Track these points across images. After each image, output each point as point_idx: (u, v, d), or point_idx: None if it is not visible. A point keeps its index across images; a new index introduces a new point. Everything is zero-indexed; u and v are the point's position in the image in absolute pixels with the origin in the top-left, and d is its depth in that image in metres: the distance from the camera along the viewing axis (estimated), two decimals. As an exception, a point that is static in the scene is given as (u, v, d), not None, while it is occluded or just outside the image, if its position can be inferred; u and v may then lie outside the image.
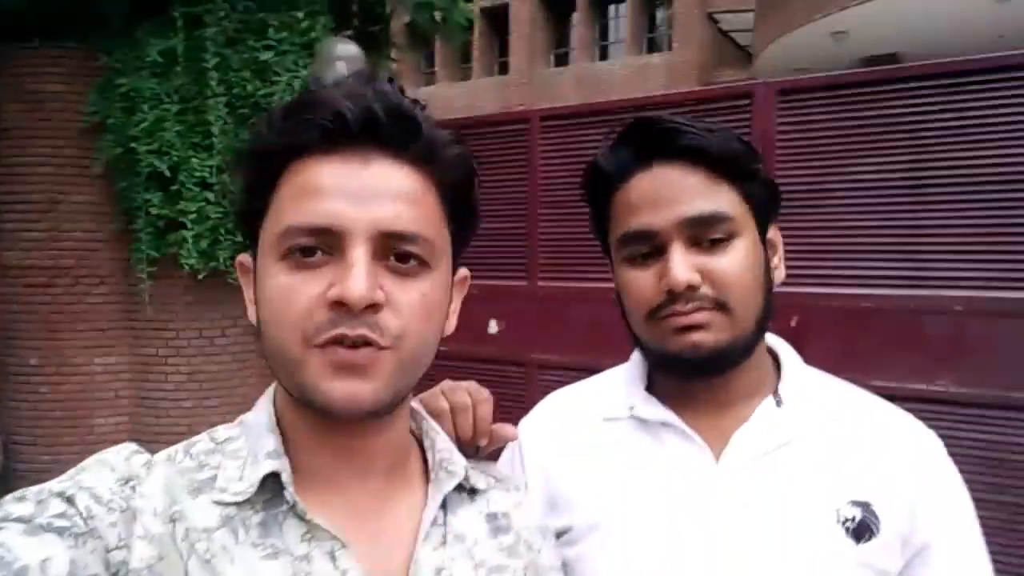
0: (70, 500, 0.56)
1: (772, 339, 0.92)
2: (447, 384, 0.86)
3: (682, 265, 0.79)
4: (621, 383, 0.94)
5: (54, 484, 0.58)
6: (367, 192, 0.61)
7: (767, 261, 0.85)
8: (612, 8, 18.37)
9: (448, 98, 18.97)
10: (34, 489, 0.57)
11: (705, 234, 0.80)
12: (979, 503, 0.85)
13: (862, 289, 2.97)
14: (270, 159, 0.63)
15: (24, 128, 4.68)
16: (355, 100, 0.61)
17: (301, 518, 0.62)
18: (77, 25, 4.75)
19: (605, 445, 0.90)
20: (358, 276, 0.58)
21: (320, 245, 0.60)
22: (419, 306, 0.63)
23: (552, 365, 3.48)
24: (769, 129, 3.16)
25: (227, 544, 0.60)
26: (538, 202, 3.73)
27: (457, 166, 0.67)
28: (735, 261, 0.81)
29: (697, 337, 0.80)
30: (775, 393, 0.87)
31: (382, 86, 0.63)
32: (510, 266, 3.82)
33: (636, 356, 0.95)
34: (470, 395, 0.83)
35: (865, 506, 0.80)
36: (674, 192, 0.80)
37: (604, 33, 18.60)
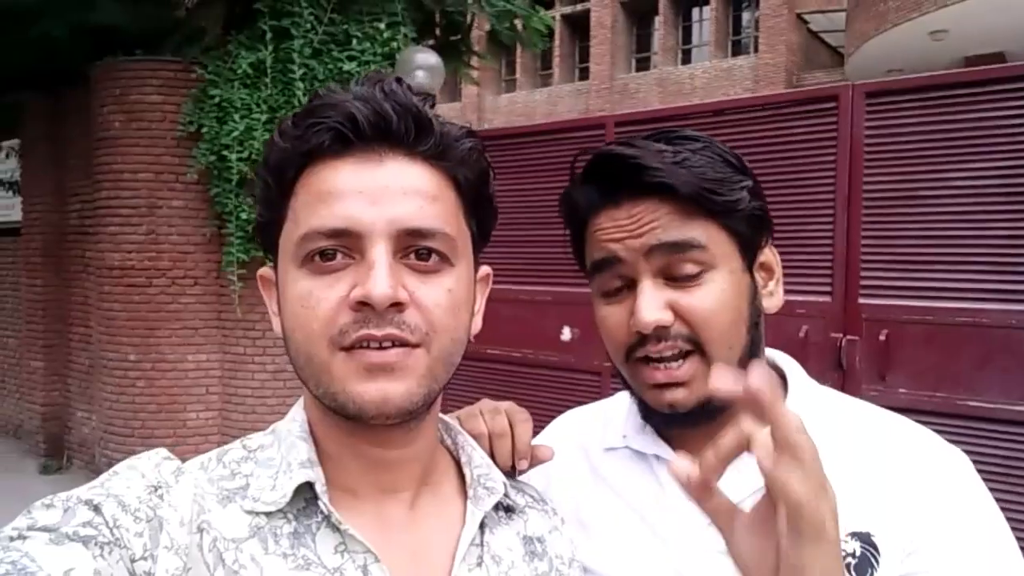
0: (97, 508, 0.55)
1: (777, 355, 0.86)
2: (486, 405, 0.83)
3: (651, 303, 0.74)
4: (621, 410, 0.89)
5: (83, 490, 0.57)
6: (383, 191, 0.60)
7: (754, 291, 0.79)
8: (695, 11, 18.06)
9: (529, 105, 19.07)
10: (63, 495, 0.56)
11: (677, 266, 0.75)
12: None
13: (957, 303, 2.80)
14: (284, 167, 0.63)
15: (126, 137, 4.97)
16: (365, 101, 0.60)
17: (335, 529, 0.61)
18: (175, 39, 5.02)
19: (605, 477, 0.86)
20: (380, 275, 0.58)
21: (340, 248, 0.60)
22: (445, 302, 0.62)
23: (625, 374, 3.42)
24: (856, 134, 3.03)
25: (256, 554, 0.59)
26: (613, 209, 3.69)
27: (471, 162, 0.66)
28: (710, 297, 0.75)
29: (673, 397, 0.75)
30: None
31: (391, 86, 0.62)
32: (584, 273, 3.80)
33: None
34: (509, 418, 0.81)
35: (865, 537, 0.73)
36: (641, 226, 0.75)
37: (687, 37, 18.30)
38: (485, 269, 0.73)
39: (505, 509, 0.72)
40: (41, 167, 6.09)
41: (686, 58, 18.09)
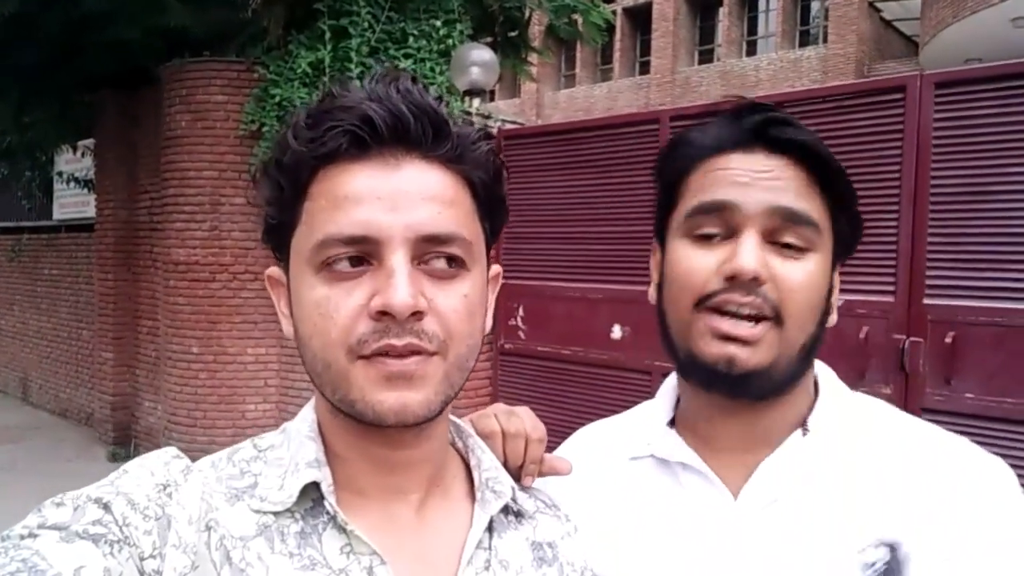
0: (107, 507, 0.56)
1: (816, 366, 0.83)
2: (500, 407, 0.82)
3: (755, 253, 0.71)
4: (646, 418, 0.87)
5: (93, 489, 0.58)
6: (401, 196, 0.59)
7: (830, 292, 0.78)
8: (761, 1, 17.60)
9: (588, 100, 18.93)
10: (72, 494, 0.57)
11: (787, 234, 0.73)
12: None
13: (1030, 303, 2.65)
14: (299, 170, 0.62)
15: (192, 135, 5.14)
16: (381, 103, 0.59)
17: (342, 530, 0.61)
18: (239, 40, 5.15)
19: (628, 487, 0.84)
20: (400, 284, 0.57)
21: (358, 254, 0.59)
22: (462, 309, 0.61)
23: (678, 373, 3.35)
24: (925, 126, 2.90)
25: (263, 553, 0.59)
26: (667, 205, 3.62)
27: (486, 164, 0.65)
28: (806, 273, 0.73)
29: (735, 351, 0.72)
30: (803, 423, 0.78)
31: (406, 85, 0.61)
32: (636, 271, 3.74)
33: (664, 387, 0.89)
34: (526, 425, 0.79)
35: (893, 548, 0.70)
36: (769, 179, 0.73)
37: (752, 28, 17.85)
38: (496, 268, 0.71)
39: (515, 514, 0.71)
40: (114, 165, 6.35)
41: (751, 50, 17.65)
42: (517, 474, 0.77)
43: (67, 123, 6.92)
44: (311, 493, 0.62)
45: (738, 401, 0.77)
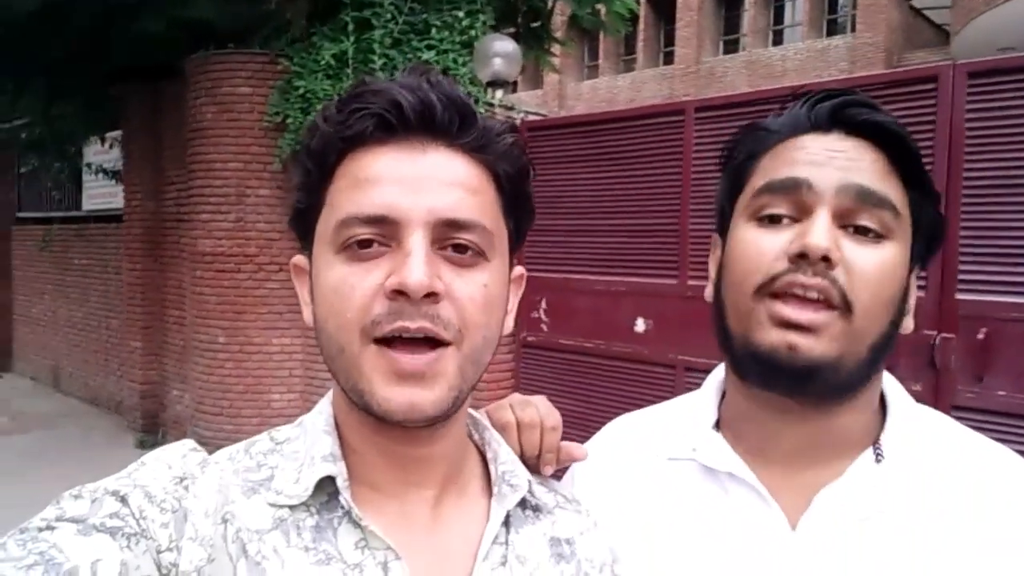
0: (124, 499, 0.56)
1: (884, 377, 0.77)
2: (516, 398, 0.81)
3: (827, 232, 0.66)
4: (687, 416, 0.81)
5: (111, 481, 0.58)
6: (424, 180, 0.59)
7: (908, 289, 0.72)
8: (788, -10, 17.35)
9: (611, 91, 18.80)
10: (90, 486, 0.57)
11: (863, 217, 0.67)
12: None
13: (1066, 299, 2.59)
14: (326, 152, 0.62)
15: (217, 127, 5.17)
16: (410, 90, 0.60)
17: (357, 524, 0.61)
18: (263, 32, 5.18)
19: (667, 490, 0.78)
20: (416, 264, 0.57)
21: (377, 236, 0.59)
22: (480, 297, 0.61)
23: (701, 368, 3.33)
24: (958, 116, 2.83)
25: (278, 547, 0.59)
26: (691, 198, 3.59)
27: (511, 157, 0.65)
28: (881, 261, 0.67)
29: (798, 339, 0.66)
30: (875, 444, 0.71)
31: (436, 77, 0.61)
32: (660, 263, 3.71)
33: (709, 382, 0.83)
34: (540, 414, 0.78)
35: None
36: (844, 160, 0.69)
37: (779, 17, 17.59)
38: (519, 269, 0.71)
39: (532, 508, 0.70)
40: (141, 157, 6.42)
41: (777, 39, 17.41)
42: (534, 465, 0.76)
43: (94, 115, 7.02)
44: (327, 487, 0.62)
45: (798, 401, 0.70)
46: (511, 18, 6.03)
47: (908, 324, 0.73)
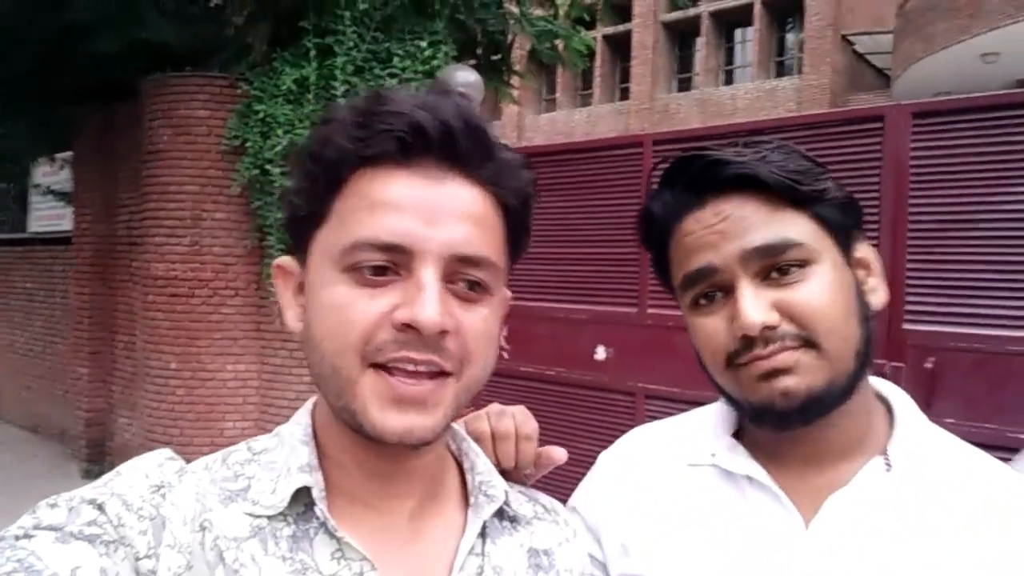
0: (101, 507, 0.56)
1: (885, 385, 0.80)
2: (494, 408, 0.81)
3: (753, 304, 0.69)
4: (708, 425, 0.84)
5: (87, 490, 0.58)
6: (441, 211, 0.59)
7: (858, 284, 0.75)
8: (738, 32, 17.95)
9: (569, 124, 19.10)
10: (67, 495, 0.57)
11: (774, 265, 0.71)
12: None
13: (1008, 330, 2.71)
14: (339, 165, 0.60)
15: (173, 150, 5.10)
16: (432, 111, 0.59)
17: (333, 535, 0.61)
18: (223, 56, 5.15)
19: (687, 493, 0.81)
20: (431, 301, 0.56)
21: (388, 263, 0.58)
22: (482, 332, 0.61)
23: (660, 395, 3.37)
24: (903, 154, 2.96)
25: (256, 555, 0.59)
26: (651, 228, 3.65)
27: (522, 192, 0.65)
28: (816, 290, 0.70)
29: (787, 383, 0.69)
30: (884, 453, 0.74)
31: (457, 100, 0.61)
32: (620, 292, 3.76)
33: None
34: (515, 424, 0.78)
35: None
36: (731, 225, 0.71)
37: (729, 58, 18.18)
38: (506, 293, 0.71)
39: (510, 519, 0.71)
40: (92, 179, 6.28)
41: (728, 79, 17.97)
42: (515, 475, 0.77)
43: (45, 134, 6.84)
44: (303, 498, 0.62)
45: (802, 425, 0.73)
46: (471, 49, 6.11)
47: (879, 297, 0.76)
